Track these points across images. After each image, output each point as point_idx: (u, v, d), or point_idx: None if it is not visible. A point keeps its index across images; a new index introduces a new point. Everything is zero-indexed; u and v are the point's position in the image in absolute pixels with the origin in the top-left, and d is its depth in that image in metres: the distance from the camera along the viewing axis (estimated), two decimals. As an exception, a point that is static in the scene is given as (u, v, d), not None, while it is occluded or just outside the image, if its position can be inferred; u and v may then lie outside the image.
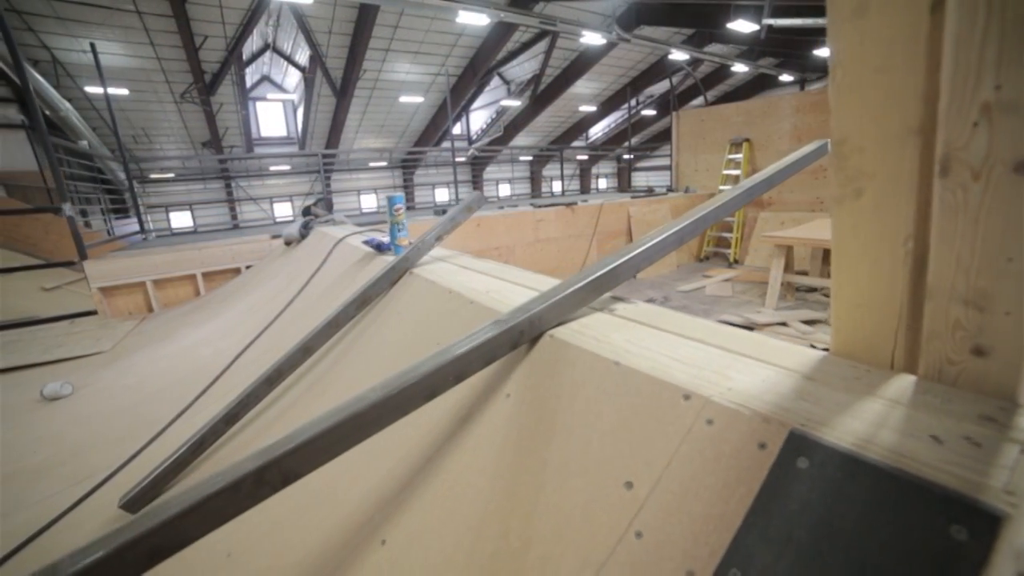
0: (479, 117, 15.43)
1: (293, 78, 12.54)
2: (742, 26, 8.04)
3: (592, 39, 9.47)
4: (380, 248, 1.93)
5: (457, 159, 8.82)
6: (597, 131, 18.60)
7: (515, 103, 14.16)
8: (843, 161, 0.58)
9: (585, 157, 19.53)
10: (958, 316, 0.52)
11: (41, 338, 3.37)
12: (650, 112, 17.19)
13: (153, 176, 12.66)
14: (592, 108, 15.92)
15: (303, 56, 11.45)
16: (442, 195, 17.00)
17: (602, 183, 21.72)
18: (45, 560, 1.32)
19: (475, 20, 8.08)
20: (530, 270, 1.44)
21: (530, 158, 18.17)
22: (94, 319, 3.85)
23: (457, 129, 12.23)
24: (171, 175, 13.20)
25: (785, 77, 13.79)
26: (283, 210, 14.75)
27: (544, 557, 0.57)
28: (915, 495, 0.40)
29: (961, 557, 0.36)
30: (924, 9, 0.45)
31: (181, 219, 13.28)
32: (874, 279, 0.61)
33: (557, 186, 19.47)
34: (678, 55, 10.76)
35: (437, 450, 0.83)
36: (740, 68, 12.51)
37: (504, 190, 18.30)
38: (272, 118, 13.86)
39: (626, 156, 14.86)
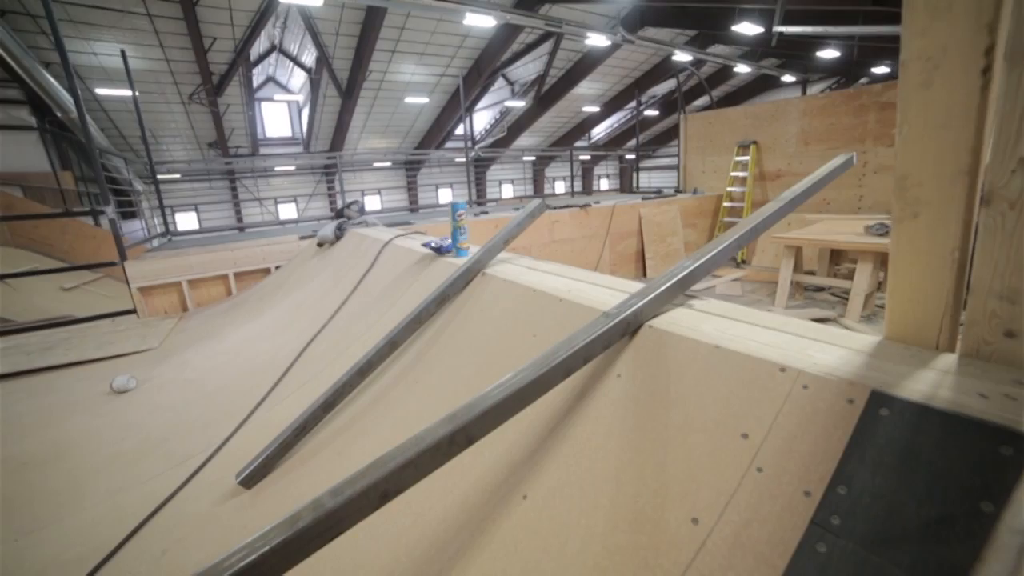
0: (483, 118, 15.59)
1: (298, 79, 12.64)
2: (747, 28, 8.22)
3: (596, 40, 9.64)
4: (440, 251, 2.10)
5: (460, 159, 8.99)
6: (600, 131, 18.79)
7: (519, 104, 14.32)
8: (904, 192, 0.76)
9: (587, 157, 19.73)
10: (994, 308, 0.70)
11: (90, 335, 3.52)
12: (652, 112, 17.40)
13: (160, 177, 12.76)
14: (595, 109, 16.10)
15: (309, 57, 11.57)
16: (445, 195, 17.13)
17: (603, 183, 21.92)
18: (174, 525, 1.49)
19: (481, 22, 8.21)
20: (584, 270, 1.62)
21: (532, 158, 18.34)
22: (133, 318, 4.00)
23: (460, 130, 12.41)
24: (177, 176, 13.31)
25: (787, 78, 14.02)
26: (287, 211, 14.85)
27: (682, 492, 0.76)
28: (973, 428, 0.59)
29: (1008, 466, 0.55)
30: (975, 88, 0.64)
31: (182, 220, 13.38)
32: (925, 279, 0.79)
33: (559, 186, 19.66)
34: (681, 56, 10.95)
35: (559, 422, 1.01)
36: (743, 69, 12.72)
37: (507, 190, 18.47)
38: (277, 119, 13.96)
39: (629, 156, 15.06)
